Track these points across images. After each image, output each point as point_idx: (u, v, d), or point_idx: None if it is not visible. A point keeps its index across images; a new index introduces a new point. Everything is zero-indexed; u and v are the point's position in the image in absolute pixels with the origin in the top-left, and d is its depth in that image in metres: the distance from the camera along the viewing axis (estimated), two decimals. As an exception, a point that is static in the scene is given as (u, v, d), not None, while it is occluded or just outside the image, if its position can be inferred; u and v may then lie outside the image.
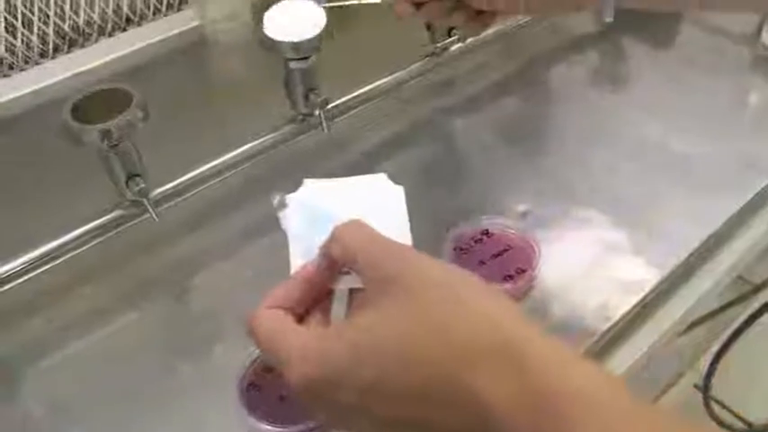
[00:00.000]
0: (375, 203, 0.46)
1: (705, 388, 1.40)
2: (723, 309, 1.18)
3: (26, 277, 0.61)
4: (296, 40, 0.63)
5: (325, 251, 0.39)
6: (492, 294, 0.35)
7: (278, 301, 0.39)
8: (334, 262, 0.39)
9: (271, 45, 0.64)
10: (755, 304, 1.21)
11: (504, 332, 0.33)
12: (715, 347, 1.31)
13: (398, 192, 0.48)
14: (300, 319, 0.39)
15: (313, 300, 0.40)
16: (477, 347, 0.32)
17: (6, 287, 0.60)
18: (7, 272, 0.60)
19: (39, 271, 0.61)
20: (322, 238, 0.39)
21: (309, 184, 0.47)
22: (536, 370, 0.31)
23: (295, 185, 0.72)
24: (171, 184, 0.65)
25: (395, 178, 0.68)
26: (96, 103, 0.58)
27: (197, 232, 0.70)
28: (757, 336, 1.23)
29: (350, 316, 0.39)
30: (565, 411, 0.30)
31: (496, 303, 0.34)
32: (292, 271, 0.42)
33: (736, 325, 1.25)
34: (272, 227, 0.68)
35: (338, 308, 0.39)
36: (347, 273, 0.39)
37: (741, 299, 1.21)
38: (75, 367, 0.60)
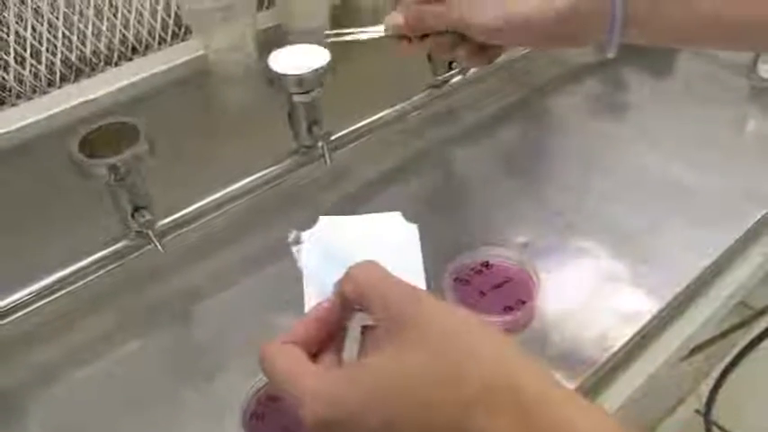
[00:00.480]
0: (389, 242, 0.47)
1: (706, 413, 1.39)
2: (725, 334, 1.18)
3: (33, 307, 0.62)
4: (300, 74, 0.64)
5: (339, 290, 0.40)
6: (502, 342, 0.36)
7: (292, 337, 0.40)
8: (347, 301, 0.39)
9: (275, 79, 0.65)
10: (757, 329, 1.21)
11: (514, 380, 0.33)
12: (716, 372, 1.31)
13: (413, 230, 0.49)
14: (314, 355, 0.40)
15: (327, 335, 0.41)
16: (485, 395, 0.33)
17: (13, 317, 0.61)
18: (14, 301, 0.60)
19: (45, 300, 0.62)
20: (336, 275, 0.40)
21: (324, 221, 0.48)
22: (547, 420, 0.32)
23: (298, 216, 0.74)
24: (175, 216, 0.66)
25: (396, 209, 0.69)
26: (104, 136, 0.59)
27: (201, 262, 0.70)
28: (759, 360, 1.23)
29: (362, 356, 0.39)
30: None
31: (507, 351, 0.35)
32: (306, 309, 0.43)
33: (737, 350, 1.25)
34: (274, 257, 0.70)
35: (351, 347, 0.40)
36: (360, 310, 0.40)
37: (742, 323, 1.21)
38: (80, 395, 0.60)
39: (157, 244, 0.63)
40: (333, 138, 0.73)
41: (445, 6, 0.59)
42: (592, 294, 0.65)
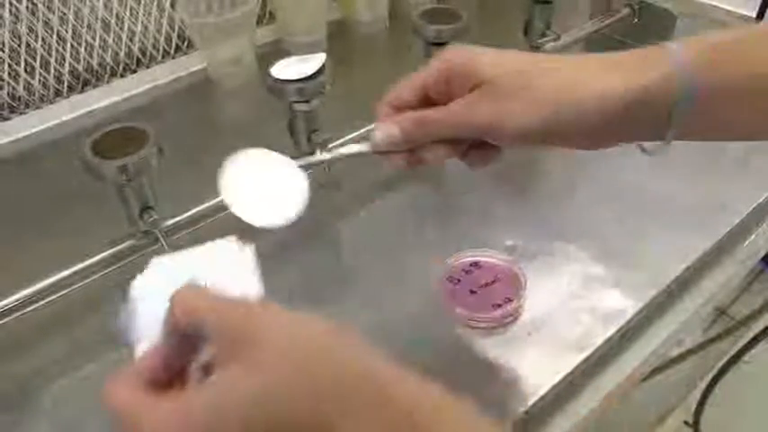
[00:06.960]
0: (223, 270, 0.45)
1: (695, 424, 1.42)
2: (709, 343, 1.21)
3: (40, 303, 0.64)
4: (301, 83, 0.68)
5: (170, 320, 0.36)
6: (343, 338, 0.35)
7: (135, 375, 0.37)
8: (179, 327, 0.36)
9: (276, 88, 0.69)
10: (741, 340, 1.24)
11: (368, 372, 0.33)
12: (704, 383, 1.33)
13: (247, 253, 0.47)
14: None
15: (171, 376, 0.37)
16: (340, 389, 0.33)
17: (19, 313, 0.63)
18: (20, 299, 0.63)
19: (53, 297, 0.64)
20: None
21: (155, 263, 0.45)
22: (403, 408, 0.33)
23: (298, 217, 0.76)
24: (181, 217, 0.69)
25: (390, 213, 0.72)
26: (114, 139, 0.62)
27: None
28: (745, 371, 1.26)
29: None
30: None
31: (352, 347, 0.35)
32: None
33: (723, 361, 1.27)
34: (277, 254, 0.72)
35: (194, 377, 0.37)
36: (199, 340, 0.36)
37: (726, 333, 1.24)
38: (84, 393, 0.62)
39: (164, 242, 0.66)
40: (330, 146, 0.76)
41: (458, 108, 0.49)
42: (574, 296, 0.68)
